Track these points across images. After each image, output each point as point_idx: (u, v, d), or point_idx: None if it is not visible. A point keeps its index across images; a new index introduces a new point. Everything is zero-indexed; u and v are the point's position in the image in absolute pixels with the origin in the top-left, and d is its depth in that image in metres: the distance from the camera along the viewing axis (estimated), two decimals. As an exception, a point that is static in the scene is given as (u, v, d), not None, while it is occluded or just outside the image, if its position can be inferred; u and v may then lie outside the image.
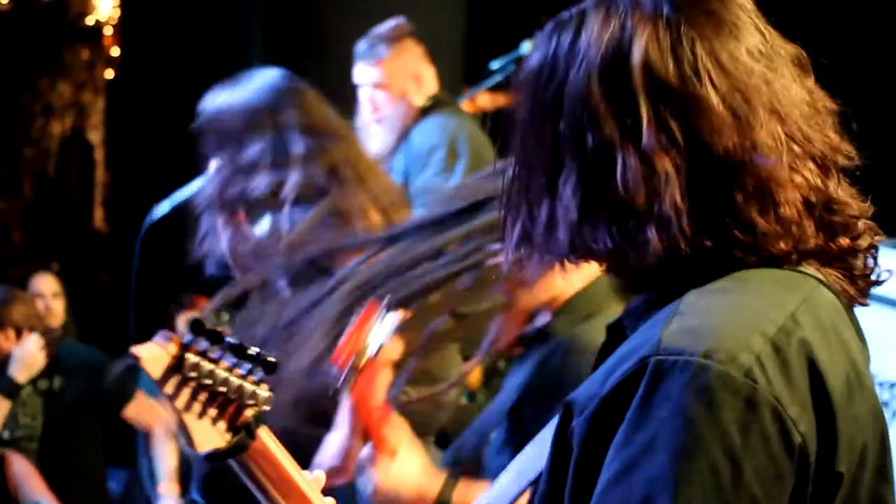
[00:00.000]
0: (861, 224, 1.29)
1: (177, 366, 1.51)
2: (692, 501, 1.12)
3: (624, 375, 1.18)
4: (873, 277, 1.31)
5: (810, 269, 1.27)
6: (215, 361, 1.53)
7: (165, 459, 4.37)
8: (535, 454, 1.41)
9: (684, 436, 1.13)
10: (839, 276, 1.29)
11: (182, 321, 4.70)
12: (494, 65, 4.80)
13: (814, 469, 1.17)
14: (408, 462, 2.07)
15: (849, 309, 1.31)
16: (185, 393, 1.52)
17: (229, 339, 1.53)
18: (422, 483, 2.07)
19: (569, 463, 1.21)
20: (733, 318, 1.20)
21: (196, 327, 1.51)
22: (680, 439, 1.13)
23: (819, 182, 1.25)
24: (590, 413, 1.19)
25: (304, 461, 1.85)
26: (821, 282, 1.28)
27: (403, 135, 4.30)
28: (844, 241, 1.28)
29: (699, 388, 1.13)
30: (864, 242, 1.30)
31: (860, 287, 1.31)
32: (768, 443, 1.14)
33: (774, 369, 1.16)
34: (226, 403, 1.54)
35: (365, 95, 4.30)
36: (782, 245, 1.23)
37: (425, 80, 4.39)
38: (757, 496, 1.14)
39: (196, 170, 3.14)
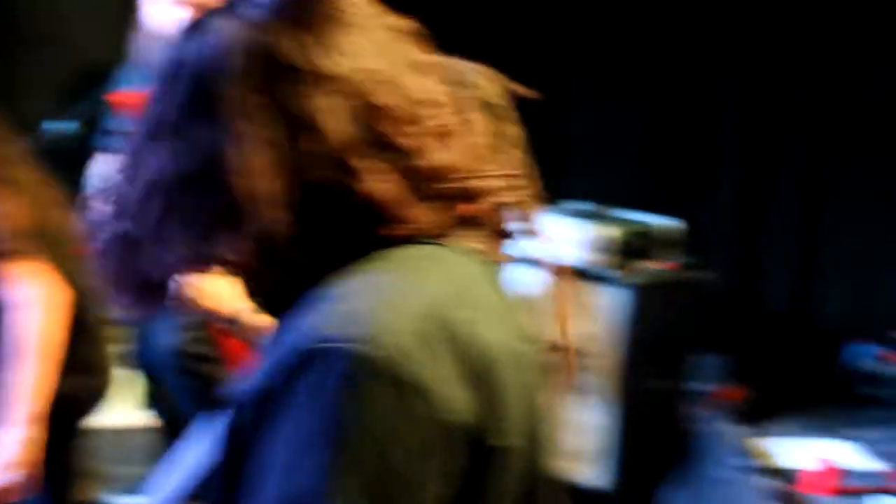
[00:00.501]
0: (487, 185, 1.27)
1: None
2: (348, 492, 1.09)
3: (277, 368, 1.15)
4: (515, 236, 1.30)
5: (457, 240, 1.26)
6: None
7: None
8: (203, 451, 1.39)
9: (334, 425, 1.10)
10: (484, 240, 1.28)
11: None
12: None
13: (475, 446, 1.15)
14: (222, 281, 2.16)
15: (501, 275, 1.29)
16: None
17: None
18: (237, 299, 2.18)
19: (238, 461, 1.19)
20: (379, 300, 1.16)
21: None
22: (330, 429, 1.10)
23: (433, 149, 1.23)
24: (252, 409, 1.17)
25: None
26: (471, 253, 1.26)
27: None
28: (471, 208, 1.26)
29: (345, 375, 1.10)
30: (495, 202, 1.28)
31: (502, 245, 1.30)
32: (419, 425, 1.11)
33: (423, 350, 1.13)
34: None
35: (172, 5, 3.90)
36: (423, 218, 1.21)
37: None
38: (412, 480, 1.11)
39: None
